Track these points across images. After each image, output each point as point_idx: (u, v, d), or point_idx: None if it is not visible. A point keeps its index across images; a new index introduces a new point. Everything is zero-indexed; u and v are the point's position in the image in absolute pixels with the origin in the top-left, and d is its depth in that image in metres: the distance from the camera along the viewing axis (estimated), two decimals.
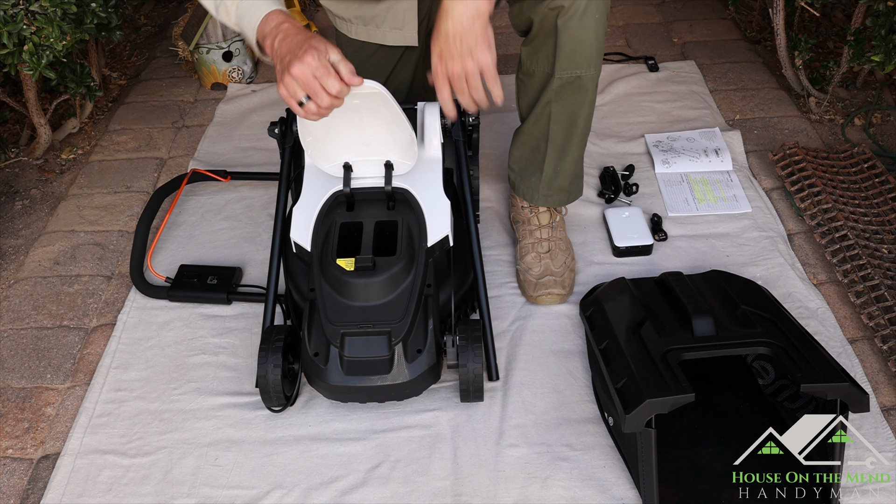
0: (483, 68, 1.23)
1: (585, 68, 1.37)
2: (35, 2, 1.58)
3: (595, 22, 1.32)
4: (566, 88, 1.40)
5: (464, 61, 1.22)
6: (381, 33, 1.58)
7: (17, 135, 2.12)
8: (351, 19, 1.59)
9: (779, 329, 1.24)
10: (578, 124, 1.46)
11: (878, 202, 1.69)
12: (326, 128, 1.32)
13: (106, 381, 1.44)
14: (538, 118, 1.47)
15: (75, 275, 1.67)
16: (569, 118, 1.44)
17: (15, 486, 1.29)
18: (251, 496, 1.24)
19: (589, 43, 1.34)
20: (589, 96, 1.42)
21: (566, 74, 1.38)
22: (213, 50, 2.22)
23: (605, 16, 1.35)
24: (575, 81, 1.39)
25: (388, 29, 1.57)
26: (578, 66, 1.37)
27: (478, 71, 1.23)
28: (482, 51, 1.22)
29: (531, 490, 1.23)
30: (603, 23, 1.34)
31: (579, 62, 1.36)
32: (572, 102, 1.42)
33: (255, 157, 1.99)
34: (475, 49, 1.22)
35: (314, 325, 1.30)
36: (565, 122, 1.45)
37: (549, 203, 1.58)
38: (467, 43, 1.21)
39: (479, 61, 1.22)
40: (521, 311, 1.53)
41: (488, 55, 1.22)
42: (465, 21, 1.20)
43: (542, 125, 1.47)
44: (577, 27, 1.32)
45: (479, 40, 1.22)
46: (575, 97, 1.41)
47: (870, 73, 2.11)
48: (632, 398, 1.11)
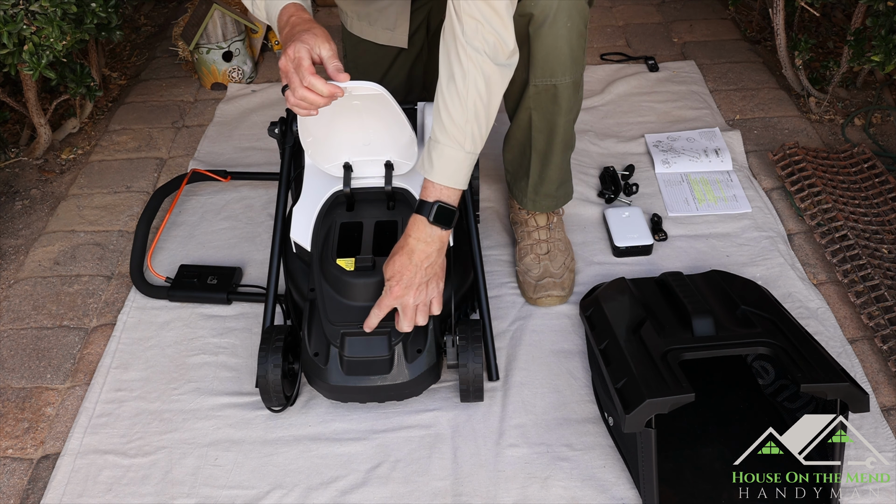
0: (431, 303, 1.28)
1: (560, 76, 1.37)
2: (35, 2, 1.58)
3: (567, 30, 1.32)
4: (542, 96, 1.40)
5: (418, 293, 1.25)
6: (374, 31, 1.59)
7: (17, 135, 2.11)
8: (349, 13, 1.61)
9: (779, 329, 1.24)
10: (558, 132, 1.46)
11: (878, 202, 1.69)
12: (327, 128, 1.32)
13: (106, 381, 1.44)
14: (521, 123, 1.48)
15: (75, 275, 1.67)
16: (548, 126, 1.45)
17: (15, 486, 1.29)
18: (251, 496, 1.24)
19: (561, 51, 1.34)
20: (565, 105, 1.41)
21: (541, 82, 1.38)
22: (213, 50, 2.22)
23: (582, 23, 1.34)
24: (550, 90, 1.38)
25: (380, 28, 1.58)
26: (553, 75, 1.36)
27: (427, 305, 1.27)
28: (436, 283, 1.27)
29: (531, 490, 1.23)
30: (577, 30, 1.33)
31: (553, 70, 1.36)
32: (550, 111, 1.42)
33: (255, 157, 1.99)
34: (431, 281, 1.27)
35: (314, 325, 1.30)
36: (545, 131, 1.45)
37: (538, 208, 1.58)
38: (427, 273, 1.26)
39: (431, 295, 1.27)
40: (521, 311, 1.53)
41: (437, 290, 1.28)
42: (432, 249, 1.25)
43: (525, 131, 1.48)
44: (548, 35, 1.31)
45: (438, 272, 1.28)
46: (552, 105, 1.41)
47: (870, 73, 2.11)
48: (632, 398, 1.11)
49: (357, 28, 1.62)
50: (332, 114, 1.23)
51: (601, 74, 2.25)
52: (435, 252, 1.26)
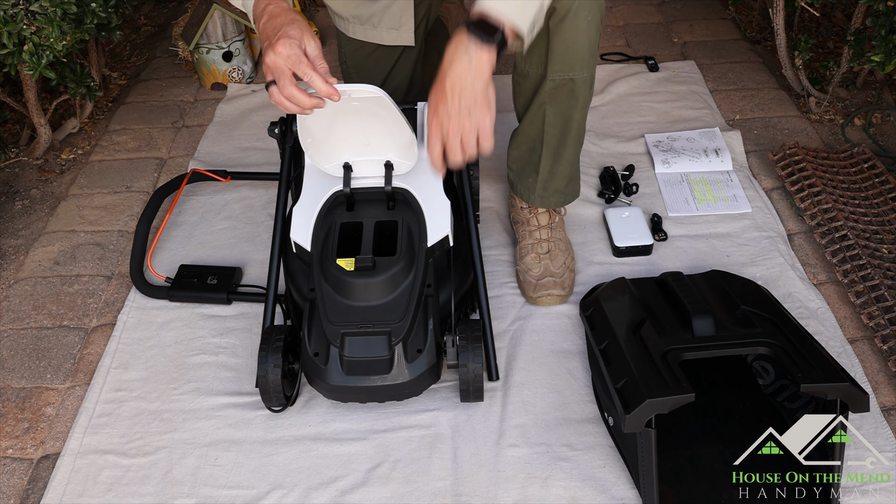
0: (480, 130, 1.19)
1: (578, 71, 1.37)
2: (35, 2, 1.58)
3: (587, 24, 1.32)
4: (559, 91, 1.40)
5: (461, 121, 1.17)
6: (378, 33, 1.58)
7: (17, 135, 2.11)
8: (348, 18, 1.59)
9: (779, 329, 1.24)
10: (572, 127, 1.46)
11: (878, 202, 1.69)
12: (326, 128, 1.32)
13: (106, 381, 1.44)
14: (533, 120, 1.47)
15: (75, 275, 1.67)
16: (563, 121, 1.44)
17: (15, 486, 1.29)
18: (251, 496, 1.24)
19: (581, 45, 1.34)
20: (581, 99, 1.42)
21: (559, 77, 1.37)
22: (213, 50, 2.22)
23: (599, 18, 1.34)
24: (568, 84, 1.38)
25: (384, 29, 1.57)
26: (571, 69, 1.36)
27: (474, 132, 1.19)
28: (481, 112, 1.18)
29: (531, 490, 1.23)
30: (596, 25, 1.34)
31: (572, 64, 1.36)
32: (566, 105, 1.42)
33: (255, 157, 1.99)
34: (474, 109, 1.17)
35: (314, 325, 1.30)
36: (559, 125, 1.45)
37: (546, 204, 1.58)
38: (466, 101, 1.17)
39: (477, 122, 1.18)
40: (521, 311, 1.53)
41: (487, 117, 1.18)
42: (467, 79, 1.16)
43: (537, 127, 1.47)
44: (569, 29, 1.31)
45: (478, 100, 1.17)
46: (568, 100, 1.41)
47: (870, 73, 2.11)
48: (632, 398, 1.11)
49: (360, 32, 1.60)
50: (332, 114, 1.23)
51: (601, 74, 2.25)
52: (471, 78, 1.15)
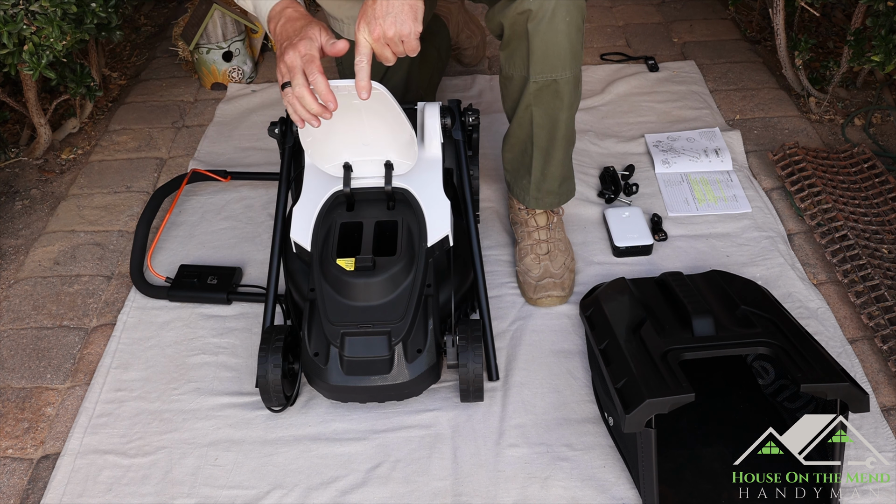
0: (403, 37, 1.19)
1: (560, 72, 1.37)
2: (35, 2, 1.58)
3: (566, 25, 1.32)
4: (543, 93, 1.40)
5: (385, 26, 1.18)
6: None
7: (17, 135, 2.11)
8: (343, 20, 1.59)
9: (779, 329, 1.24)
10: (560, 128, 1.46)
11: (878, 202, 1.69)
12: (326, 128, 1.31)
13: (106, 381, 1.44)
14: (521, 122, 1.48)
15: (75, 275, 1.67)
16: (550, 122, 1.45)
17: (15, 486, 1.29)
18: (251, 496, 1.24)
19: (561, 46, 1.34)
20: (567, 100, 1.42)
21: (542, 78, 1.38)
22: (213, 50, 2.22)
23: (580, 18, 1.34)
24: (551, 85, 1.39)
25: None
26: (553, 70, 1.37)
27: (399, 38, 1.19)
28: (405, 19, 1.18)
29: (531, 490, 1.23)
30: (576, 25, 1.34)
31: (553, 66, 1.36)
32: (551, 106, 1.42)
33: (255, 157, 1.99)
34: (399, 16, 1.18)
35: (314, 325, 1.30)
36: (547, 126, 1.46)
37: (541, 205, 1.58)
38: (393, 10, 1.18)
39: (400, 30, 1.18)
40: (521, 311, 1.53)
41: (410, 25, 1.18)
42: None
43: (526, 129, 1.48)
44: (548, 31, 1.32)
45: (404, 8, 1.18)
46: (553, 101, 1.41)
47: (870, 73, 2.11)
48: (632, 398, 1.11)
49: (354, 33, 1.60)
50: (332, 114, 1.23)
51: (601, 74, 2.25)
52: None
